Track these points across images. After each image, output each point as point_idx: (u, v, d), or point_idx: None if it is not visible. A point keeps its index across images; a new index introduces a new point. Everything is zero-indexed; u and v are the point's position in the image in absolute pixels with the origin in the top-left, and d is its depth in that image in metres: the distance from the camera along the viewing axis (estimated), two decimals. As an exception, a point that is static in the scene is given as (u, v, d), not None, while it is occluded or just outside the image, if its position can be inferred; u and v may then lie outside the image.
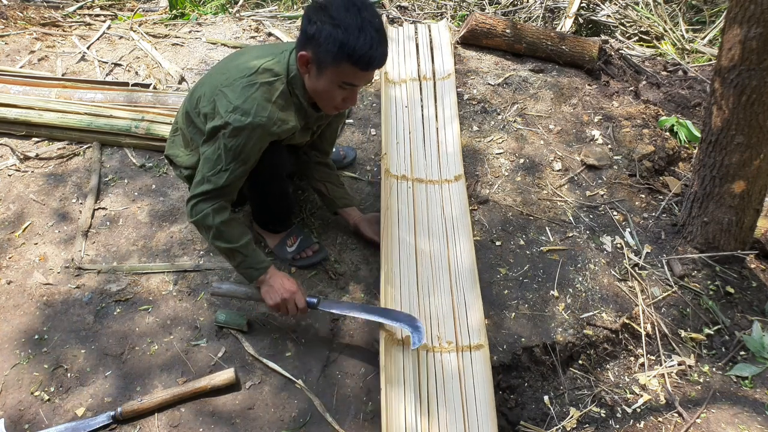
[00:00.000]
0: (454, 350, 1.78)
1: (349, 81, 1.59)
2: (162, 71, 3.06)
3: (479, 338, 1.79)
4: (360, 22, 1.49)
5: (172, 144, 1.96)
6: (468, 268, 2.01)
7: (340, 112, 1.78)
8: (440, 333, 1.83)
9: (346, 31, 1.48)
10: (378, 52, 1.53)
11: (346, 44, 1.49)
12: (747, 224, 2.13)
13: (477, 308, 1.88)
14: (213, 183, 1.66)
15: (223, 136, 1.62)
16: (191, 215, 1.71)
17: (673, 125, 2.80)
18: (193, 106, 1.79)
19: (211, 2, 4.49)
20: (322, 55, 1.54)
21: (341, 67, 1.54)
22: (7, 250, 2.13)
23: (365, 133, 2.68)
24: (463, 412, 1.63)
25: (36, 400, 1.71)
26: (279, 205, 2.02)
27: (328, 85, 1.61)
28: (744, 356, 1.95)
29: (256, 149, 1.66)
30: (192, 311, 1.95)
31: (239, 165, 1.66)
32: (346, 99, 1.66)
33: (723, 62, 1.91)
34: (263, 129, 1.62)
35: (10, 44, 3.24)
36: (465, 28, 3.23)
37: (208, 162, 1.66)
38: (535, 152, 2.59)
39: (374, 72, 1.62)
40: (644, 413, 1.79)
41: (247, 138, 1.61)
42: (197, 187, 1.69)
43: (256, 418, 1.68)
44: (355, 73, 1.56)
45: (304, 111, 1.75)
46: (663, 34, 4.25)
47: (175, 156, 1.93)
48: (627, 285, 2.09)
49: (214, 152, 1.65)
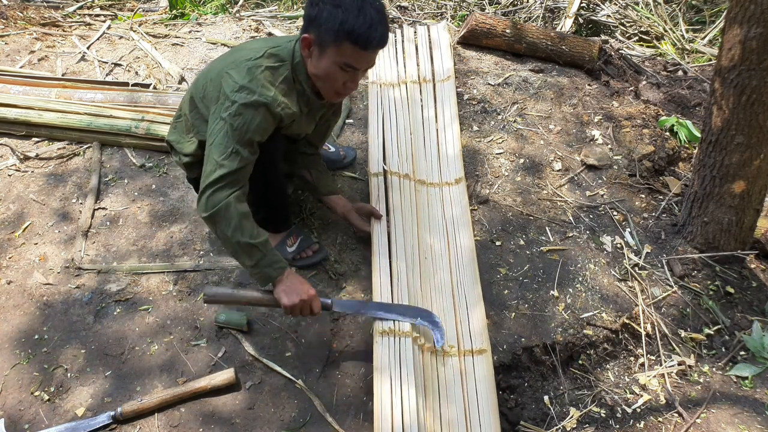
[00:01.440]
0: (456, 354, 1.77)
1: (350, 62, 1.60)
2: (162, 71, 3.06)
3: (482, 343, 1.79)
4: (360, 3, 1.53)
5: (174, 130, 1.96)
6: (469, 271, 2.01)
7: (341, 98, 1.79)
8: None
9: (346, 11, 1.52)
10: (377, 32, 1.55)
11: (346, 22, 1.51)
12: (747, 224, 2.13)
13: (479, 312, 1.87)
14: (227, 167, 1.60)
15: (229, 116, 1.61)
16: (207, 207, 1.61)
17: (673, 125, 2.80)
18: (198, 91, 1.79)
19: (211, 2, 4.49)
20: (323, 36, 1.57)
21: (342, 46, 1.56)
22: (7, 250, 2.13)
23: (365, 133, 2.68)
24: (465, 418, 1.62)
25: (36, 400, 1.71)
26: (278, 205, 2.02)
27: (329, 66, 1.62)
28: (744, 356, 1.95)
29: (261, 129, 1.65)
30: (192, 311, 1.95)
31: (247, 147, 1.64)
32: (347, 83, 1.67)
33: (723, 62, 1.91)
34: (267, 108, 1.63)
35: (10, 44, 3.24)
36: (465, 28, 3.23)
37: (217, 148, 1.62)
38: (535, 152, 2.59)
39: (375, 54, 1.64)
40: (644, 413, 1.79)
41: (252, 116, 1.61)
42: (210, 175, 1.61)
43: (256, 418, 1.68)
44: (356, 52, 1.57)
45: (307, 98, 1.76)
46: (663, 34, 4.26)
47: (176, 142, 1.93)
48: (627, 285, 2.09)
49: (222, 136, 1.62)
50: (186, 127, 1.90)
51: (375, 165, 2.35)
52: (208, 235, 2.19)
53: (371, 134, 2.53)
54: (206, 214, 1.62)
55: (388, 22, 1.59)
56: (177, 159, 1.97)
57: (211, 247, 2.15)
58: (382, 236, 2.05)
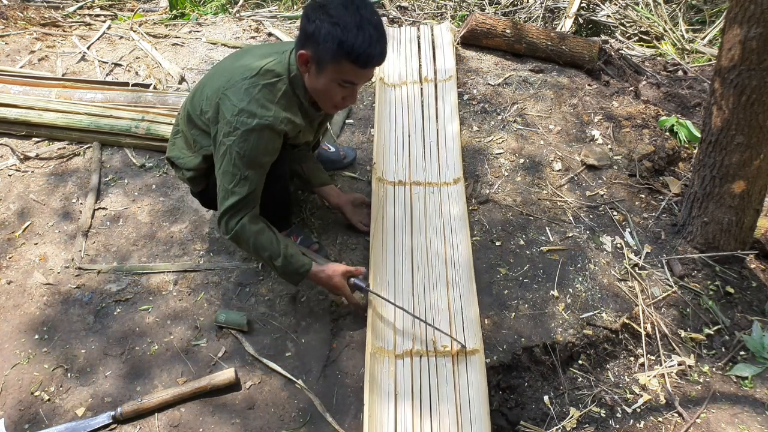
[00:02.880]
0: (449, 354, 1.77)
1: (349, 79, 1.59)
2: (162, 71, 3.06)
3: (475, 343, 1.78)
4: (359, 20, 1.49)
5: (173, 146, 1.96)
6: (465, 271, 2.00)
7: (339, 110, 1.79)
8: (434, 336, 1.81)
9: (345, 29, 1.49)
10: (377, 50, 1.53)
11: (345, 42, 1.49)
12: (747, 224, 2.13)
13: (473, 313, 1.87)
14: (238, 194, 1.66)
15: (234, 143, 1.61)
16: (227, 232, 1.72)
17: (673, 125, 2.80)
18: (194, 108, 1.78)
19: (211, 2, 4.49)
20: (321, 54, 1.55)
21: (340, 65, 1.55)
22: (7, 250, 2.13)
23: (365, 133, 2.68)
24: (457, 418, 1.61)
25: (36, 400, 1.71)
26: (279, 204, 2.02)
27: (327, 83, 1.61)
28: (744, 356, 1.95)
29: (269, 149, 1.67)
30: (192, 311, 1.95)
31: (256, 169, 1.66)
32: (345, 97, 1.67)
33: (723, 62, 1.91)
34: (271, 129, 1.63)
35: (10, 44, 3.24)
36: (465, 28, 3.23)
37: (226, 175, 1.66)
38: (535, 152, 2.59)
39: (374, 70, 1.63)
40: (644, 413, 1.79)
41: (257, 140, 1.62)
42: (223, 202, 1.69)
43: (256, 418, 1.68)
44: (354, 70, 1.56)
45: (305, 109, 1.76)
46: (663, 34, 4.26)
47: (177, 158, 1.93)
48: (627, 285, 2.09)
49: (228, 164, 1.64)
50: (186, 144, 1.89)
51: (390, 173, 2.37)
52: (208, 235, 2.19)
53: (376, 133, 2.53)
54: (228, 237, 1.74)
55: (386, 36, 1.58)
56: (180, 174, 1.97)
57: (211, 247, 2.15)
58: (377, 235, 2.05)
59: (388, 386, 1.68)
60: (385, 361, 1.74)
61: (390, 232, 2.13)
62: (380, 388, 1.67)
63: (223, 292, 2.00)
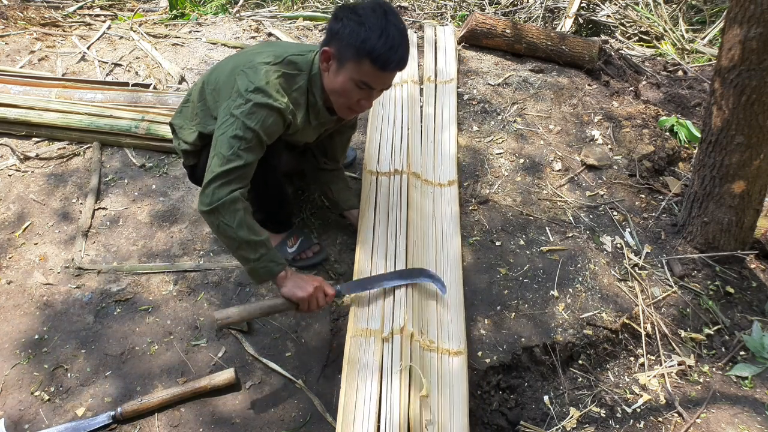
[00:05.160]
0: (435, 350, 1.75)
1: (366, 80, 1.60)
2: (162, 71, 3.06)
3: (459, 345, 1.77)
4: (384, 24, 1.53)
5: (179, 114, 1.97)
6: (454, 273, 1.99)
7: (353, 115, 1.79)
8: (423, 329, 1.78)
9: (369, 29, 1.52)
10: (397, 54, 1.56)
11: (368, 41, 1.52)
12: (747, 224, 2.13)
13: (459, 314, 1.85)
14: (236, 161, 1.58)
15: (242, 114, 1.60)
16: (212, 200, 1.57)
17: (673, 125, 2.80)
18: (210, 81, 1.80)
19: (211, 2, 4.49)
20: (343, 51, 1.58)
21: (360, 64, 1.57)
22: (7, 250, 2.13)
23: (365, 133, 2.68)
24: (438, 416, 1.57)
25: (36, 400, 1.71)
26: (279, 205, 2.02)
27: (345, 82, 1.62)
28: (744, 356, 1.95)
29: (271, 130, 1.66)
30: (192, 311, 1.95)
31: (256, 145, 1.63)
32: (361, 101, 1.68)
33: (723, 62, 1.91)
34: (280, 113, 1.64)
35: (10, 44, 3.24)
36: (465, 28, 3.23)
37: (227, 142, 1.59)
38: (535, 152, 2.59)
39: (393, 76, 1.64)
40: (644, 413, 1.79)
41: (266, 116, 1.62)
42: (218, 168, 1.58)
43: (256, 418, 1.68)
44: (373, 72, 1.58)
45: (317, 110, 1.76)
46: (663, 34, 4.26)
47: (179, 126, 1.94)
48: (627, 285, 2.09)
49: (232, 130, 1.60)
50: (191, 113, 1.90)
51: (372, 163, 2.35)
52: (208, 235, 2.19)
53: (369, 132, 2.53)
54: (210, 207, 1.57)
55: (409, 45, 1.60)
56: (177, 144, 1.97)
57: (211, 247, 2.15)
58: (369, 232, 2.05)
59: (372, 363, 1.63)
60: (370, 341, 1.71)
61: (382, 219, 2.10)
62: (363, 367, 1.62)
63: (223, 292, 2.00)
